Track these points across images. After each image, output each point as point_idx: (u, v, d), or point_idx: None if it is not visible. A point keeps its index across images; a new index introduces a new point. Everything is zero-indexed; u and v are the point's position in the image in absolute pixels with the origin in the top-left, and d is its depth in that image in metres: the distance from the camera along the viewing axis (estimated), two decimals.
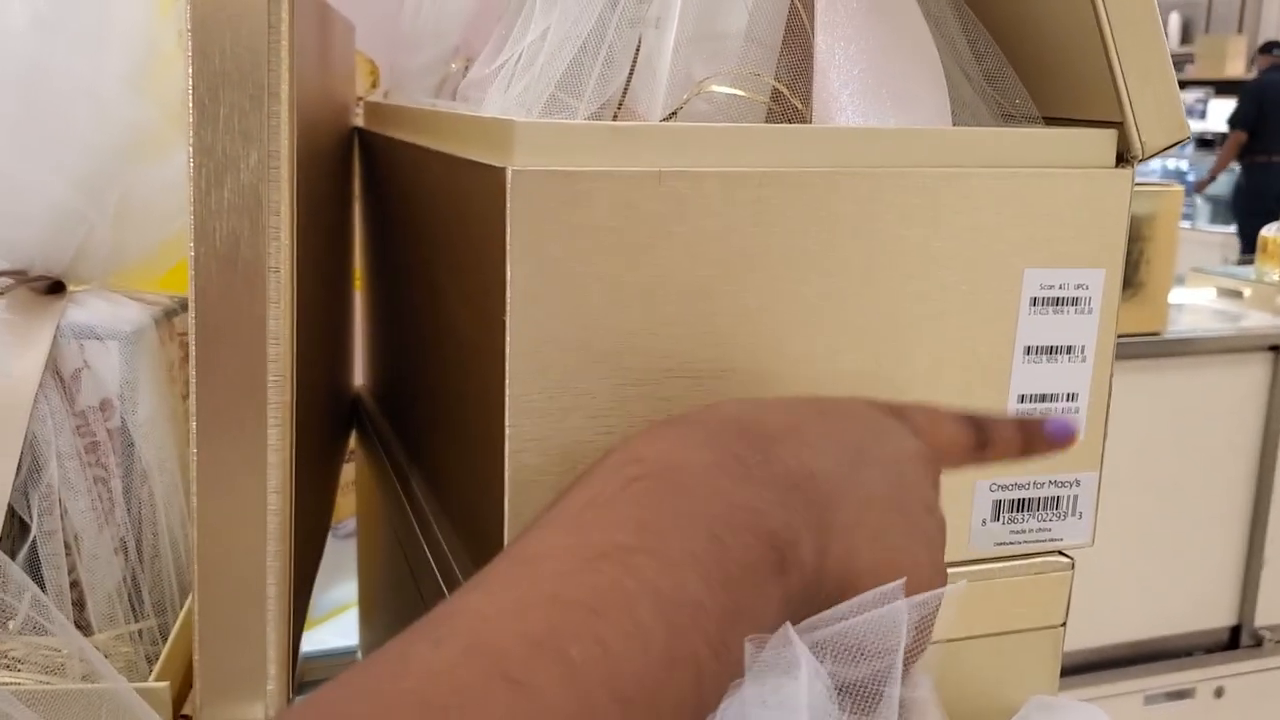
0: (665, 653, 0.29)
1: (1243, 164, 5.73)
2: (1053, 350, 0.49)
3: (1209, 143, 6.49)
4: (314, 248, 0.53)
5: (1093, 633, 1.78)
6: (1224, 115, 6.03)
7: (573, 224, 0.41)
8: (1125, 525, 1.69)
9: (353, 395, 0.87)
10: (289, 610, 0.43)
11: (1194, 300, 2.09)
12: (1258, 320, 1.92)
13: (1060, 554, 0.52)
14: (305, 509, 0.50)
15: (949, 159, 0.46)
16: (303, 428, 0.45)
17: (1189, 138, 0.49)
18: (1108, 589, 1.66)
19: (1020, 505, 0.50)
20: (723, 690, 0.31)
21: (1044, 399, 0.49)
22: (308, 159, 0.45)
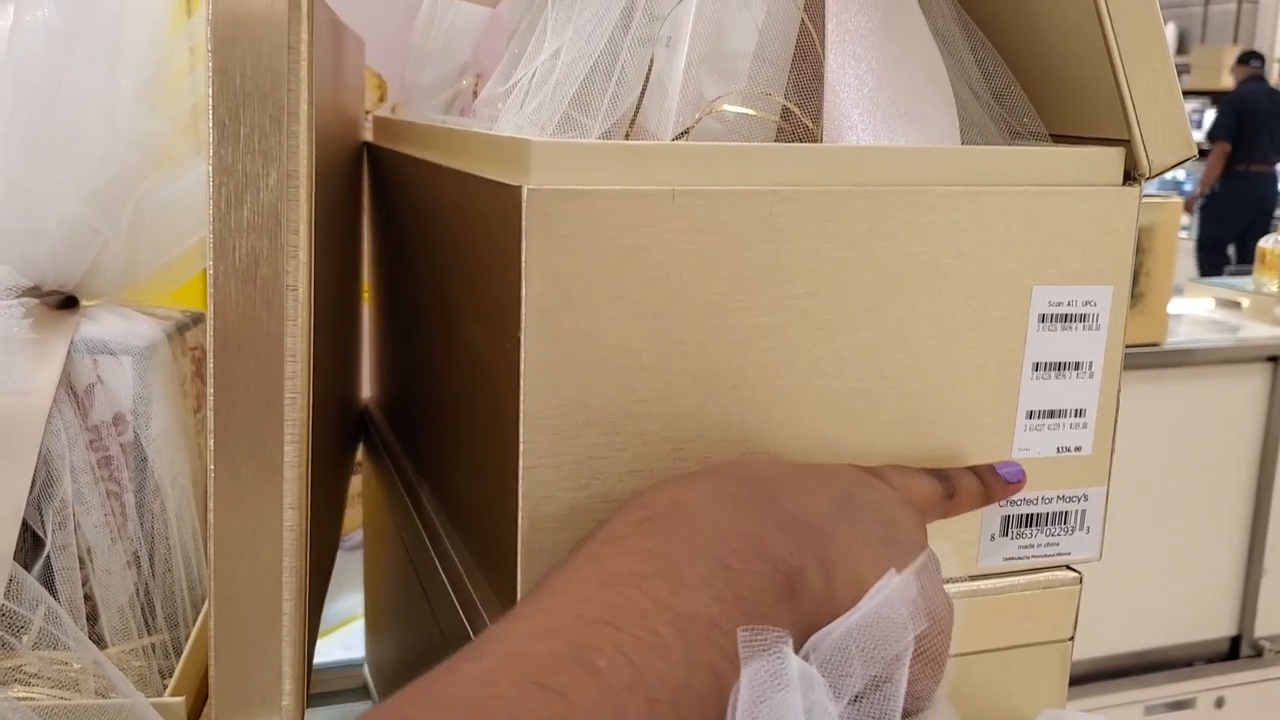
0: (684, 658, 0.32)
1: (1221, 172, 5.76)
2: (1061, 366, 0.49)
3: (1205, 153, 6.51)
4: (329, 264, 0.54)
5: (1093, 643, 1.78)
6: None
7: (587, 242, 0.41)
8: (1125, 535, 1.69)
9: (361, 408, 0.87)
10: (304, 626, 0.43)
11: (1192, 311, 2.10)
12: (1256, 331, 1.93)
13: (1068, 568, 0.52)
14: (318, 524, 0.50)
15: (958, 177, 0.46)
16: (316, 443, 0.45)
17: (1195, 155, 0.50)
18: (1108, 599, 1.66)
19: (1029, 520, 0.50)
20: None
21: (1052, 415, 0.49)
22: (323, 176, 0.46)
